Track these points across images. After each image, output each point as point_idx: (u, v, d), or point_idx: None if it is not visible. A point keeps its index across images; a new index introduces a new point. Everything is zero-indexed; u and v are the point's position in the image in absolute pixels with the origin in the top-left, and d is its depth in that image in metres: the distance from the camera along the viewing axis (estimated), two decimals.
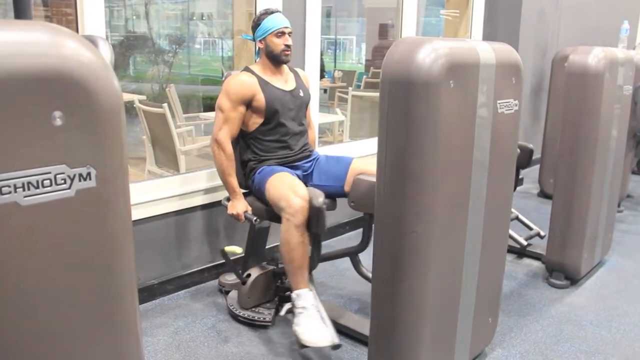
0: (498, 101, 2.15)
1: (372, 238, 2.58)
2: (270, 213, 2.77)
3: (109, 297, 1.17)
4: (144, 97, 5.75)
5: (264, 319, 2.81)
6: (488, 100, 2.08)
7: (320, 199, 2.53)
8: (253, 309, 2.86)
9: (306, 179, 2.90)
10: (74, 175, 1.07)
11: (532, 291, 3.33)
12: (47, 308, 1.09)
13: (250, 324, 2.82)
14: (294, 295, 2.59)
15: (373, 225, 2.58)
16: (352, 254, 2.72)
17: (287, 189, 2.59)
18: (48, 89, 1.00)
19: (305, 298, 2.56)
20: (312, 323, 2.50)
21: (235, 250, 2.73)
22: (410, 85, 1.82)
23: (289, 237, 2.54)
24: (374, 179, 2.40)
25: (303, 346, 2.49)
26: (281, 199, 2.58)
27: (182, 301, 3.11)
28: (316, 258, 2.69)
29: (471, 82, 1.99)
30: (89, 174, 1.08)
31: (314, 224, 2.54)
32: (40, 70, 0.99)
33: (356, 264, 2.71)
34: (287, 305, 2.65)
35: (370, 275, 2.62)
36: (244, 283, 2.85)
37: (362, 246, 2.67)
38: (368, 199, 2.47)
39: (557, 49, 5.36)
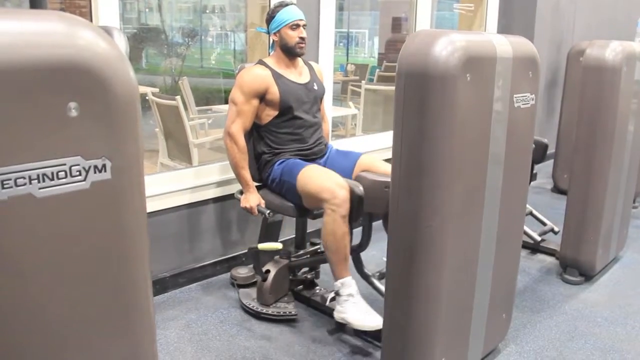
0: (514, 95, 2.12)
1: (375, 236, 2.58)
2: (285, 207, 2.76)
3: (123, 289, 1.17)
4: (156, 90, 5.75)
5: (291, 312, 2.81)
6: (504, 94, 2.06)
7: (360, 187, 2.51)
8: (274, 304, 2.85)
9: None
10: (89, 167, 1.06)
11: (546, 287, 3.30)
12: (61, 301, 1.08)
13: (276, 319, 2.81)
14: (337, 283, 2.59)
15: (375, 224, 2.58)
16: (353, 252, 2.69)
17: (328, 180, 2.57)
18: (63, 79, 0.99)
19: (350, 285, 2.57)
20: (362, 308, 2.53)
21: (276, 246, 2.72)
22: (427, 78, 1.80)
23: (336, 228, 2.52)
24: (376, 177, 2.40)
25: (357, 331, 2.53)
26: (323, 191, 2.55)
27: (193, 294, 3.11)
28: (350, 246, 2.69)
29: (488, 75, 1.97)
30: (104, 165, 1.08)
31: (356, 213, 2.54)
32: (55, 60, 0.98)
33: (358, 264, 2.68)
34: (331, 295, 2.66)
35: (371, 277, 2.63)
36: (264, 280, 2.84)
37: (363, 245, 2.65)
38: (368, 197, 2.45)
39: (573, 43, 5.30)
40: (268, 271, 2.84)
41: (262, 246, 2.73)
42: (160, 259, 3.07)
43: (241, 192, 2.88)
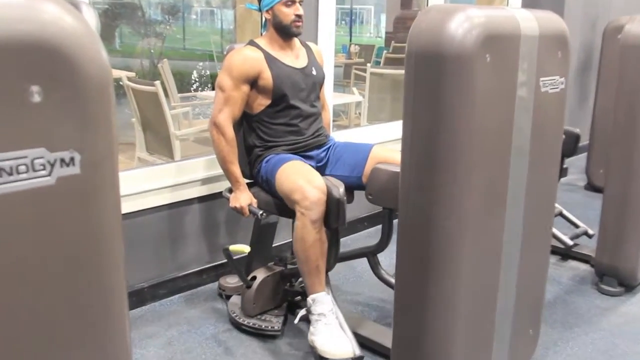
0: (541, 78, 2.12)
1: (396, 236, 2.58)
2: (279, 206, 2.77)
3: (95, 300, 1.17)
4: (132, 74, 5.75)
5: (272, 327, 2.80)
6: (530, 77, 2.06)
7: (340, 189, 2.53)
8: (259, 316, 2.84)
9: (321, 170, 2.89)
10: (55, 161, 1.06)
11: (579, 299, 3.30)
12: (23, 313, 1.08)
13: (256, 333, 2.81)
14: (309, 300, 2.58)
15: (394, 221, 2.58)
16: (370, 254, 2.70)
17: (301, 179, 2.58)
18: (24, 59, 0.99)
19: (322, 303, 2.56)
20: (331, 332, 2.51)
21: (243, 249, 2.72)
22: (440, 59, 1.80)
23: (304, 233, 2.53)
24: (395, 169, 2.39)
25: (322, 358, 2.49)
26: (295, 191, 2.56)
27: (176, 307, 3.11)
28: (334, 257, 2.68)
29: (510, 56, 1.97)
30: (72, 159, 1.07)
31: (334, 219, 2.54)
32: (15, 37, 0.98)
33: (374, 266, 2.69)
34: (302, 312, 2.64)
35: (390, 279, 2.62)
36: (248, 287, 2.83)
37: (381, 245, 2.66)
38: (388, 191, 2.46)
39: (609, 19, 5.30)
40: (254, 278, 2.84)
41: (233, 247, 2.74)
42: (137, 267, 3.07)
43: (230, 190, 2.88)
